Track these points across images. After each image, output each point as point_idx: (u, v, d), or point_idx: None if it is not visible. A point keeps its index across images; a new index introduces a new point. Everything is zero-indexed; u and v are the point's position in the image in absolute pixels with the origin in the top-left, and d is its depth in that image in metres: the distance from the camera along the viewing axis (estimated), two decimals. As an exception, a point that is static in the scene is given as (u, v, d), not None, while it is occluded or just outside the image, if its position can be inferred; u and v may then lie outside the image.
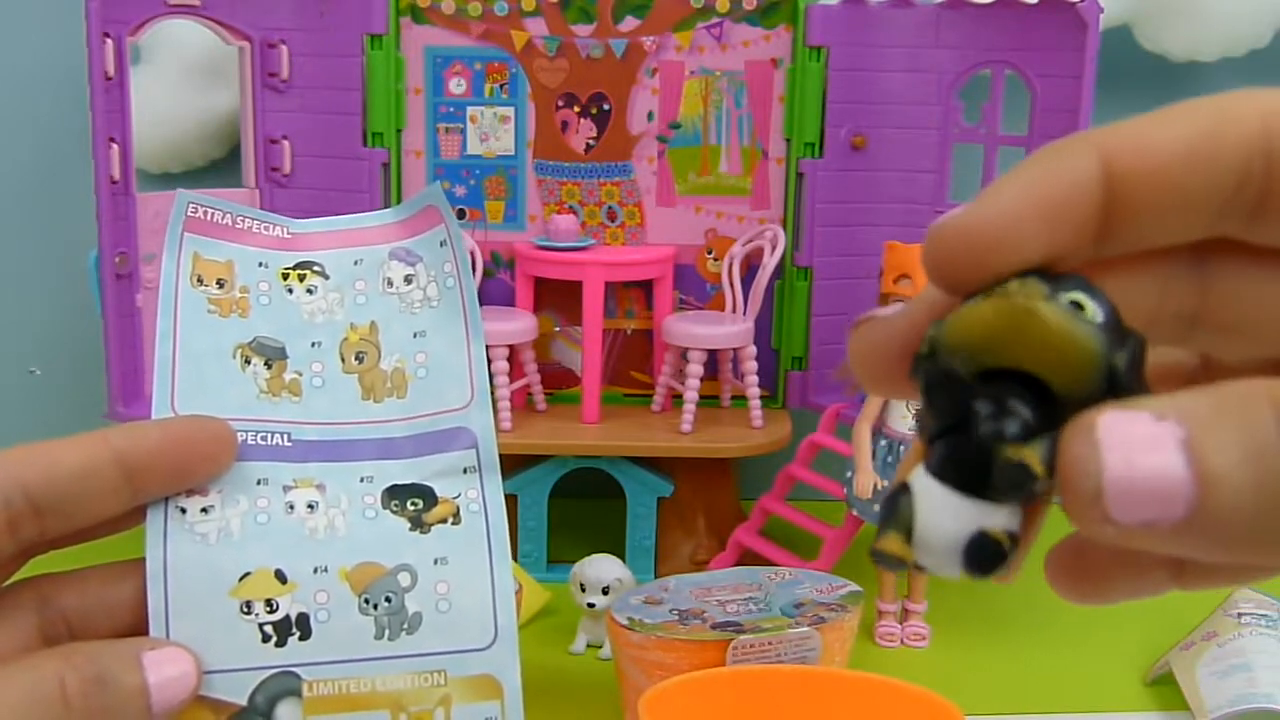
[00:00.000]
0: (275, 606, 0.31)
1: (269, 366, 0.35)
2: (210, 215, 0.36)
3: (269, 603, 0.31)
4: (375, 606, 0.32)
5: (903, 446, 0.82)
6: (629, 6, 0.95)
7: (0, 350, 1.08)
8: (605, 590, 0.77)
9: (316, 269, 0.36)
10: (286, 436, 0.34)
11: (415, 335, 0.36)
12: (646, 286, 0.99)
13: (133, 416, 0.87)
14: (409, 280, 0.37)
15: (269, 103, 0.94)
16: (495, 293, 0.98)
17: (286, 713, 0.31)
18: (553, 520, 0.91)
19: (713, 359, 0.95)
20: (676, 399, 0.96)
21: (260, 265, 0.36)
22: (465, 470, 0.34)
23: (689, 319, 0.96)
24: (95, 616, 0.32)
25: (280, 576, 0.32)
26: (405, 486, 0.34)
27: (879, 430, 0.83)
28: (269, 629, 0.31)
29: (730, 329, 0.94)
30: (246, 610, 0.31)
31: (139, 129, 0.88)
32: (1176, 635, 0.79)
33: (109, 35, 0.83)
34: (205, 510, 0.32)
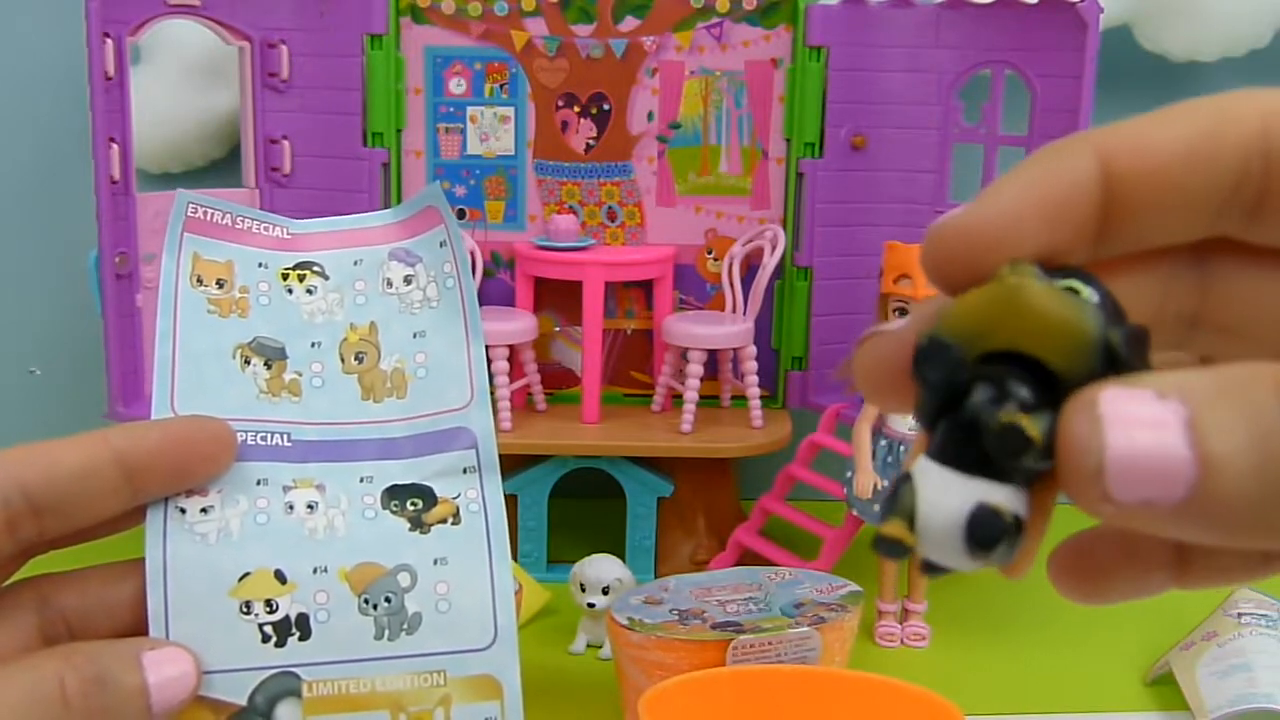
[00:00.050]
0: (275, 607, 0.31)
1: (269, 367, 0.35)
2: (210, 215, 0.36)
3: (269, 603, 0.31)
4: (375, 607, 0.32)
5: (903, 446, 0.82)
6: (629, 6, 0.95)
7: (0, 350, 1.08)
8: (605, 590, 0.77)
9: (316, 269, 0.36)
10: (286, 437, 0.34)
11: (415, 335, 0.36)
12: (646, 286, 0.99)
13: (133, 416, 0.87)
14: (409, 280, 0.37)
15: (269, 103, 0.94)
16: (495, 293, 0.98)
17: (286, 713, 0.31)
18: (553, 520, 0.91)
19: (713, 359, 0.95)
20: (676, 399, 0.96)
21: (260, 265, 0.36)
22: (465, 470, 0.34)
23: (689, 319, 0.96)
24: (95, 616, 0.32)
25: (280, 577, 0.32)
26: (405, 487, 0.34)
27: (879, 430, 0.83)
28: (269, 629, 0.31)
29: (730, 329, 0.94)
30: (246, 610, 0.31)
31: (139, 129, 0.88)
32: (1176, 635, 0.79)
33: (109, 35, 0.83)
34: (205, 510, 0.32)
